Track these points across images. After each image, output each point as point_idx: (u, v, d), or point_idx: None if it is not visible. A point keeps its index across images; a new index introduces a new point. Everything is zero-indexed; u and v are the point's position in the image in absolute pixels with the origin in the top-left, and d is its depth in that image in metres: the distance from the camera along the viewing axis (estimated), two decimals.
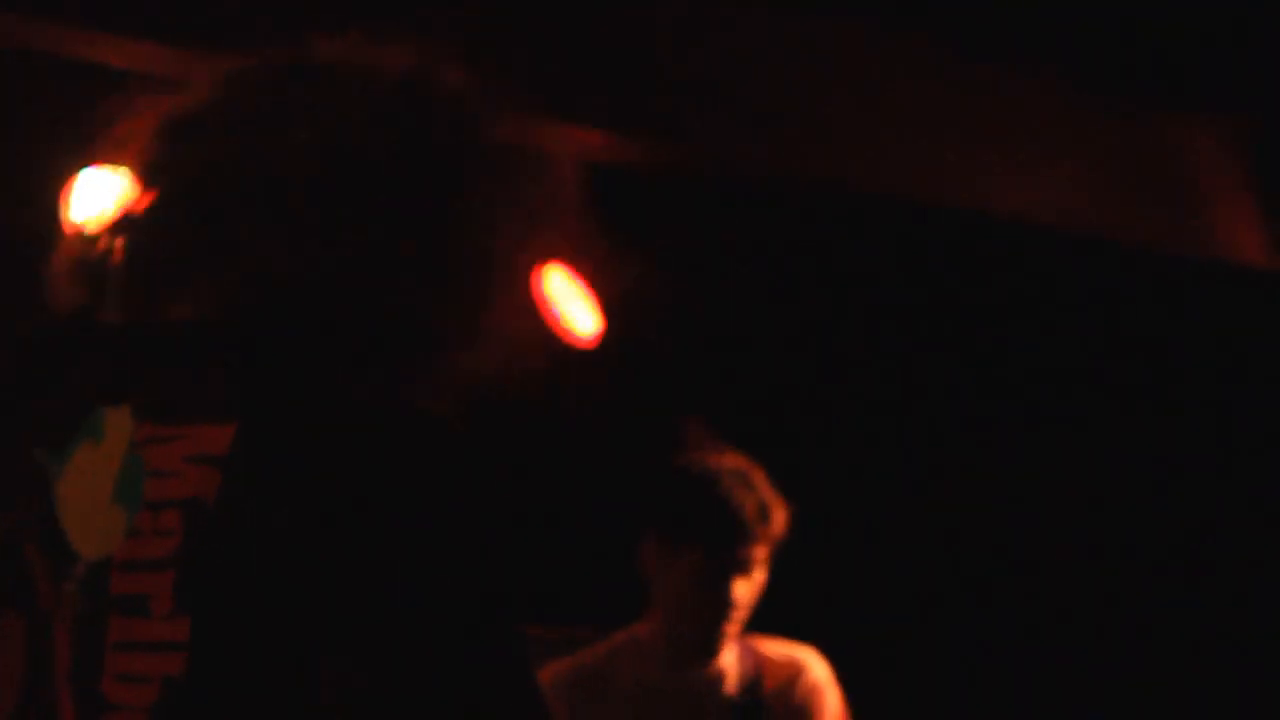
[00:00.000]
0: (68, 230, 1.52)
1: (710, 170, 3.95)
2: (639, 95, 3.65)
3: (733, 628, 2.89)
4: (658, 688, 2.96)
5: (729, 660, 2.94)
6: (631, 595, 2.93)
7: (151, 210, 1.42)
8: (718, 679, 2.96)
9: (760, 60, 3.61)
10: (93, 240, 1.42)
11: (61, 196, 3.18)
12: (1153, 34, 3.53)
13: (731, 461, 2.94)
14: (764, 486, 2.92)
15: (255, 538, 1.31)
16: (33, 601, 1.40)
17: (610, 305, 3.99)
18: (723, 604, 2.85)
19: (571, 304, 4.09)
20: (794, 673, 3.02)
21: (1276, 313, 3.92)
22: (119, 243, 1.41)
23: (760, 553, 2.86)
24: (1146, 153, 3.74)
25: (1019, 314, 4.20)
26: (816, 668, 3.03)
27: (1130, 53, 3.59)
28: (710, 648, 2.90)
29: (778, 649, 3.01)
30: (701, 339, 4.33)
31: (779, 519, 2.90)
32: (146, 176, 1.44)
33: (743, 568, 2.86)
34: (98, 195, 3.45)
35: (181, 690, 1.32)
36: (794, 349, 4.29)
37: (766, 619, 3.00)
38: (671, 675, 2.96)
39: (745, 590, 2.86)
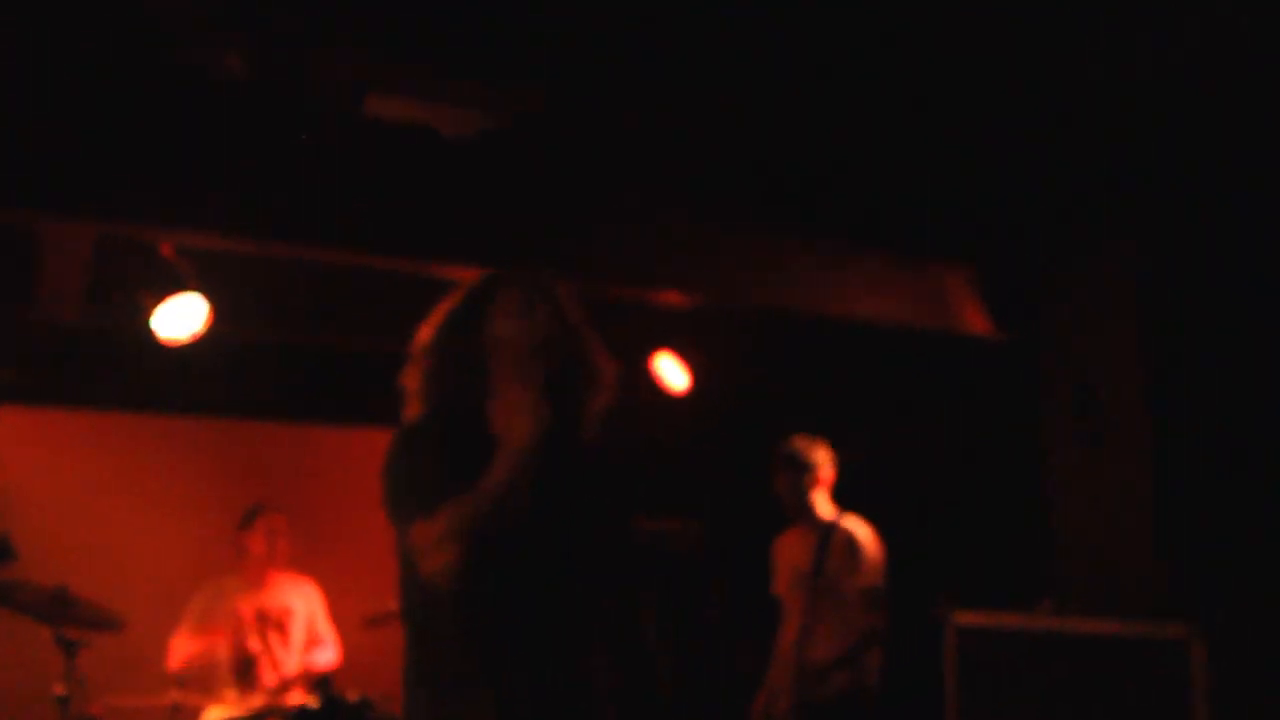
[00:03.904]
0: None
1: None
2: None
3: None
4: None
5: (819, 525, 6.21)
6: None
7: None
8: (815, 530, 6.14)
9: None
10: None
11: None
12: (937, 220, 6.66)
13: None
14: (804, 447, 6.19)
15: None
16: None
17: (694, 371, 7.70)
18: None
19: (671, 372, 7.76)
20: (843, 537, 5.95)
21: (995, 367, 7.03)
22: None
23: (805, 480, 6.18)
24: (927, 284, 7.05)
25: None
26: (856, 530, 5.87)
27: (922, 234, 6.82)
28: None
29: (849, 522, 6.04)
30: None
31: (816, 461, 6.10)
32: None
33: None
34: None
35: None
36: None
37: None
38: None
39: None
